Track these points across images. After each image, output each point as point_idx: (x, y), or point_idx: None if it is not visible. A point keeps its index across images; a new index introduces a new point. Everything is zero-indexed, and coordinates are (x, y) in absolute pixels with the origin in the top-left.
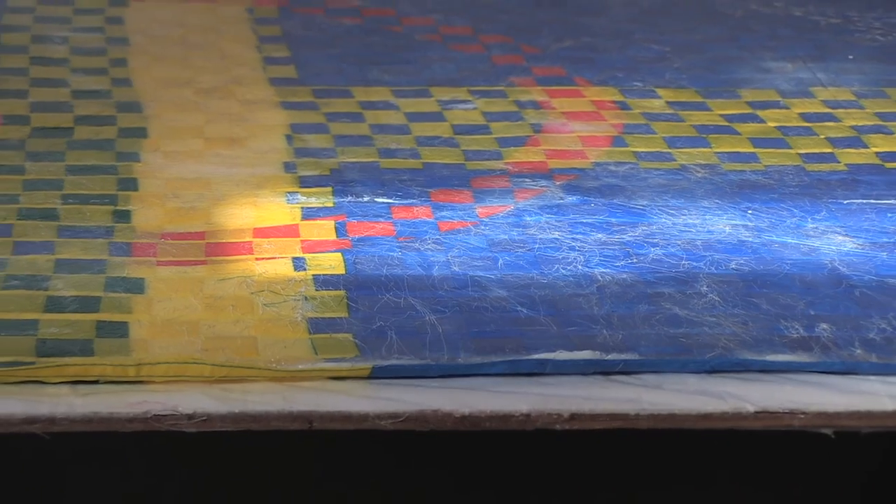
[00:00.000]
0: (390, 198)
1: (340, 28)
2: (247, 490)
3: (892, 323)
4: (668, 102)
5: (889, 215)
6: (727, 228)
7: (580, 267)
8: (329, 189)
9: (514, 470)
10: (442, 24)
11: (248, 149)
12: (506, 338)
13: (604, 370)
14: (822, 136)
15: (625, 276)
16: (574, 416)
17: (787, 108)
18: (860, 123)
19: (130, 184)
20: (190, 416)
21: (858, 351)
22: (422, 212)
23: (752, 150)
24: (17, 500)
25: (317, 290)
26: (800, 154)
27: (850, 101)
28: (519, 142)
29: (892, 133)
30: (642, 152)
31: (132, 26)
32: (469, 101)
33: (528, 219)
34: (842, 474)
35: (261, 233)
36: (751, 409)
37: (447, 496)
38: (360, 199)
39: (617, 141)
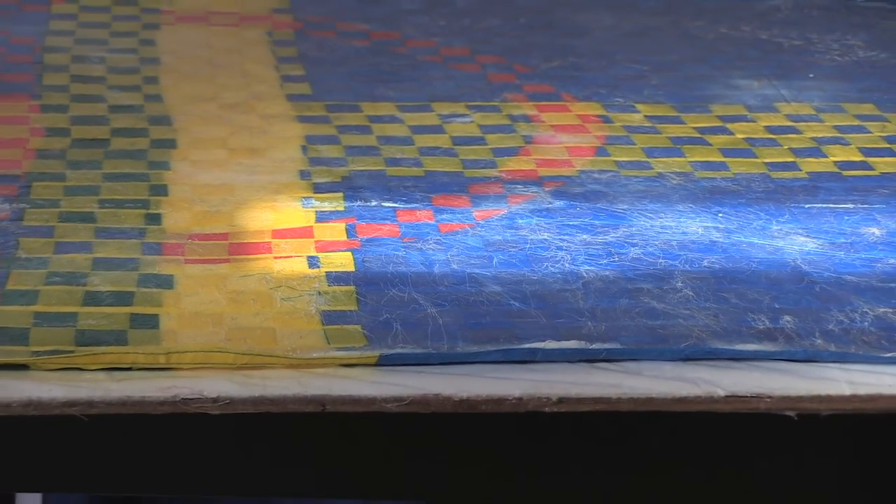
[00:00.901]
0: (395, 202)
1: (350, 49)
2: (263, 467)
3: (849, 315)
4: (646, 116)
5: (846, 218)
6: (700, 230)
7: (567, 265)
8: (340, 194)
9: (507, 448)
10: (442, 46)
11: (267, 158)
12: (500, 329)
13: (588, 358)
14: (786, 147)
15: (607, 273)
16: (562, 400)
17: (754, 121)
18: (820, 135)
19: (161, 190)
20: (214, 400)
21: (819, 341)
22: (424, 215)
23: (722, 159)
24: (58, 475)
25: (329, 285)
26: (765, 163)
27: (810, 115)
28: (512, 152)
29: (849, 144)
30: (623, 161)
31: (163, 48)
32: (466, 115)
33: (520, 221)
34: (803, 452)
35: (278, 234)
36: (721, 393)
37: (446, 472)
38: (368, 204)
39: (600, 151)
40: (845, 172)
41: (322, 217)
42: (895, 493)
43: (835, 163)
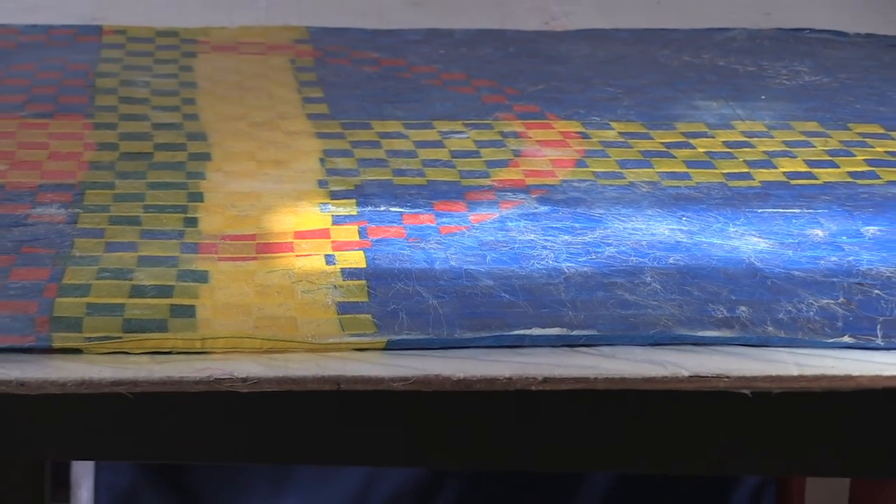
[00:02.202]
0: (401, 207)
1: (363, 75)
2: (287, 438)
3: (796, 306)
4: (619, 133)
5: (794, 221)
6: (666, 231)
7: (551, 262)
8: (354, 201)
9: (498, 421)
10: (442, 71)
11: (290, 169)
12: (492, 317)
13: (569, 343)
14: (741, 159)
15: (586, 269)
16: (546, 380)
17: (713, 137)
18: (770, 149)
19: (197, 196)
20: (244, 380)
21: (770, 328)
22: (426, 218)
23: (686, 170)
24: (107, 445)
25: (344, 280)
26: (723, 173)
27: (762, 132)
28: (502, 164)
29: (796, 157)
30: (599, 172)
31: (200, 73)
32: (463, 131)
33: (509, 224)
34: (757, 426)
35: (300, 235)
36: (685, 374)
37: (445, 442)
38: (377, 209)
39: (579, 163)
40: (793, 181)
41: (338, 220)
42: (835, 458)
43: (784, 173)
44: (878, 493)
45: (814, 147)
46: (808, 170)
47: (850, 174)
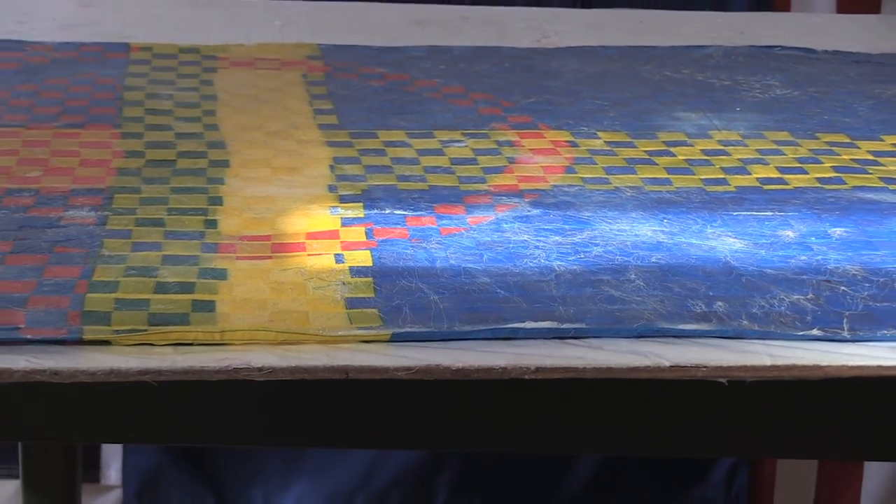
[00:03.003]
0: (405, 210)
1: (369, 88)
2: (299, 423)
3: (769, 301)
4: (606, 142)
5: (766, 223)
6: (649, 233)
7: (542, 260)
8: (361, 204)
9: (493, 407)
10: (443, 85)
11: (302, 175)
12: (488, 312)
13: (560, 336)
14: (718, 166)
15: (575, 267)
16: (538, 369)
17: (692, 145)
18: (745, 157)
19: (217, 200)
20: (259, 369)
21: (745, 322)
22: (428, 220)
23: (667, 176)
24: (134, 429)
25: (352, 277)
26: (701, 179)
27: (737, 141)
28: (498, 170)
29: (769, 164)
30: (587, 178)
31: (219, 87)
32: (462, 140)
33: (505, 226)
34: (732, 412)
35: (311, 236)
36: (667, 363)
37: (445, 427)
38: (383, 212)
39: (569, 170)
40: (765, 187)
41: (346, 222)
42: (804, 441)
43: (757, 179)
44: (842, 473)
45: (785, 155)
46: (780, 176)
47: (819, 180)
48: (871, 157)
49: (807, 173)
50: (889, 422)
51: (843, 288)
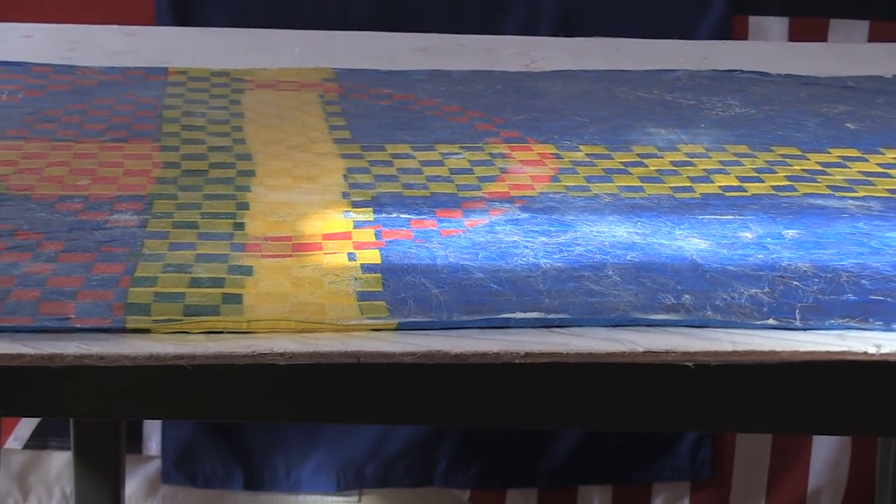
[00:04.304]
0: (410, 214)
1: (378, 107)
2: (316, 401)
3: (730, 295)
4: (586, 154)
5: (727, 225)
6: (624, 234)
7: (531, 259)
8: (371, 209)
9: (487, 388)
10: (443, 104)
11: (319, 183)
12: (483, 304)
13: (546, 325)
14: (685, 175)
15: (559, 264)
16: (527, 354)
17: (662, 157)
18: (709, 167)
19: (244, 206)
20: (281, 354)
21: (709, 312)
22: (430, 223)
23: (640, 184)
24: (171, 407)
25: (363, 273)
26: (671, 187)
27: (702, 153)
28: (491, 179)
29: (729, 174)
30: (570, 185)
31: (246, 106)
32: (460, 153)
33: (497, 228)
34: (698, 391)
35: (327, 237)
36: (640, 349)
37: (445, 404)
38: (390, 216)
39: (554, 179)
40: (727, 194)
41: (358, 225)
42: (761, 417)
43: (720, 186)
44: (793, 445)
45: (744, 165)
46: (740, 184)
47: (774, 188)
48: (819, 168)
49: (763, 182)
50: (835, 400)
51: (795, 283)
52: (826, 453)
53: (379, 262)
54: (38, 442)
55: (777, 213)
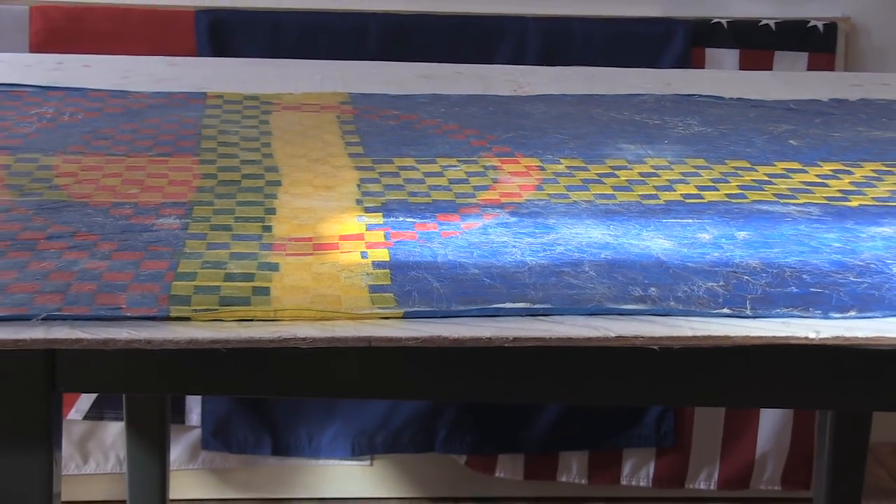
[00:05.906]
0: (414, 218)
1: (387, 126)
2: (334, 379)
3: (691, 288)
4: (567, 166)
5: (687, 228)
6: (599, 235)
7: (518, 256)
8: (381, 214)
9: (482, 368)
10: (443, 123)
11: (336, 192)
12: (477, 295)
13: (532, 314)
14: (651, 185)
15: (543, 262)
16: (516, 339)
17: (631, 169)
18: (672, 178)
19: (272, 211)
20: (303, 339)
21: (672, 303)
22: (432, 226)
23: (612, 192)
24: (206, 383)
25: (373, 269)
26: (639, 194)
27: (665, 166)
28: (484, 188)
29: (689, 183)
30: (553, 193)
31: (274, 125)
32: (457, 165)
33: (490, 230)
34: (663, 371)
35: (343, 238)
36: (613, 335)
37: (446, 381)
38: (397, 219)
39: (538, 188)
40: (687, 200)
41: (370, 227)
42: (716, 393)
43: (681, 195)
44: (744, 416)
45: (701, 176)
46: (698, 192)
47: (727, 195)
48: (766, 178)
49: (718, 190)
50: (780, 378)
51: (746, 277)
52: (771, 424)
53: (388, 259)
54: (95, 413)
55: (730, 217)
